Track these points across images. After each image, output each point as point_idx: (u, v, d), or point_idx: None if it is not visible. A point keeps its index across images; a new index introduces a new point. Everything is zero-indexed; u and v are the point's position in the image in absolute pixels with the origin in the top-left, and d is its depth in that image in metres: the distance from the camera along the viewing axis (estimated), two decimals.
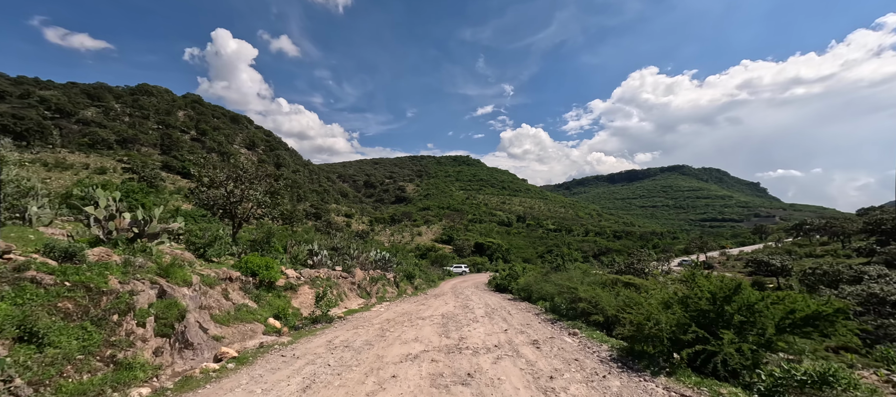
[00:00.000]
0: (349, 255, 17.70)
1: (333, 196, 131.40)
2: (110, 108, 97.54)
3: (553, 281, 14.55)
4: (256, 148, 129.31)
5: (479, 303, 14.70)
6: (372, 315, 12.07)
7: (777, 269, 41.74)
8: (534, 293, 15.27)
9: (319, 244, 16.86)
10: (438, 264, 43.13)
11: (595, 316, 9.26)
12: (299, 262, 15.31)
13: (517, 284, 18.06)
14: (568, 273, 16.67)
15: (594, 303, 9.59)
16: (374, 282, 16.97)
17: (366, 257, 18.56)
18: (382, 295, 17.00)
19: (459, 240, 71.42)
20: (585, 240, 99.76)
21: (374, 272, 18.14)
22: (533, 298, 15.12)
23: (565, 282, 12.53)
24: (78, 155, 64.36)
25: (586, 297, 9.89)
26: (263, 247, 14.57)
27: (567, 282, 12.64)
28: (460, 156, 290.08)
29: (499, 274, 29.50)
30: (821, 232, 58.23)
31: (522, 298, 16.52)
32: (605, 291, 10.30)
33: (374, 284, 16.84)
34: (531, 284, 16.04)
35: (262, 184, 15.99)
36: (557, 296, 12.02)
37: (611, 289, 11.37)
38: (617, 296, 9.75)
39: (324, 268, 15.08)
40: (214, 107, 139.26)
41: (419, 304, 14.47)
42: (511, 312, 12.55)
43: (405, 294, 19.10)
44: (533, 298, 15.12)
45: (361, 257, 18.09)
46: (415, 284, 22.50)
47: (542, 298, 13.84)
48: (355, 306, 13.99)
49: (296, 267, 14.00)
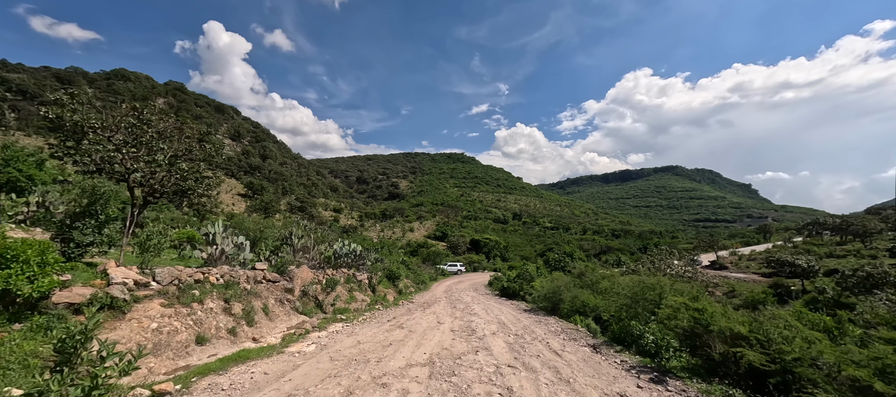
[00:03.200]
0: (290, 246, 12.41)
1: (322, 190, 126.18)
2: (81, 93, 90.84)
3: (617, 285, 10.02)
4: (242, 138, 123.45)
5: (489, 322, 10.39)
6: (279, 366, 5.97)
7: (803, 270, 38.12)
8: (563, 303, 11.00)
9: (228, 227, 11.82)
10: (431, 262, 38.68)
11: (744, 354, 4.81)
12: (185, 256, 10.49)
13: (534, 289, 13.76)
14: (627, 276, 12.39)
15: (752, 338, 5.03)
16: (331, 286, 11.67)
17: (320, 251, 13.09)
18: (343, 306, 11.82)
19: (454, 237, 67.07)
20: (584, 238, 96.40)
21: (334, 272, 13.08)
22: (562, 311, 10.87)
23: (639, 289, 7.92)
24: (35, 138, 58.49)
25: (721, 325, 5.33)
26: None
27: (641, 288, 8.04)
28: (455, 154, 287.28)
29: (503, 274, 25.17)
30: (837, 231, 55.17)
31: (544, 310, 12.26)
32: (720, 307, 5.94)
33: (331, 291, 11.57)
34: (558, 291, 11.66)
35: (176, 144, 11.28)
36: (635, 317, 7.50)
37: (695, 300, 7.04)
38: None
39: (226, 266, 9.47)
40: (198, 96, 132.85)
41: (395, 326, 9.50)
42: (555, 347, 7.74)
43: (382, 303, 13.91)
44: (562, 311, 10.87)
45: (313, 250, 12.71)
46: (399, 287, 17.73)
47: (578, 312, 9.60)
48: (274, 338, 7.84)
49: (183, 262, 9.38)
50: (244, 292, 8.64)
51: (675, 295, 6.79)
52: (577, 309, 10.02)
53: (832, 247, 48.12)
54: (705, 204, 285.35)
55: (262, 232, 12.81)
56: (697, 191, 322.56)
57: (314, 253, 12.35)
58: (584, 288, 11.63)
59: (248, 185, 74.28)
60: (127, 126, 10.24)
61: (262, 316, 8.59)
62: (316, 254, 12.48)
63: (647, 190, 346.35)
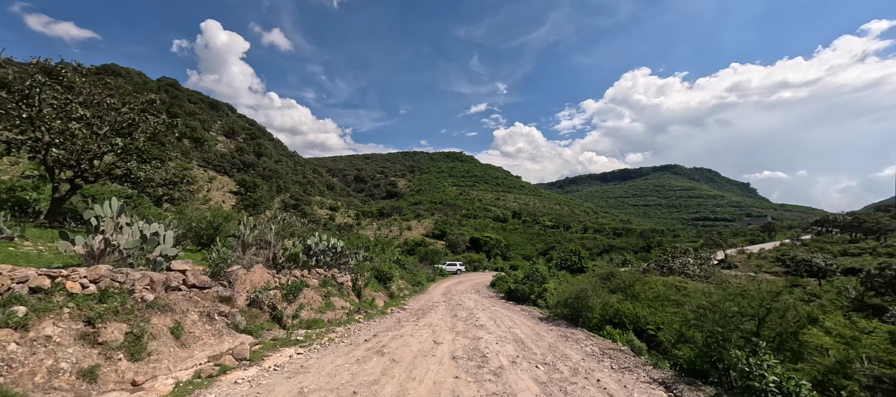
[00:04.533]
0: (238, 238, 9.66)
1: (318, 188, 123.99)
2: None
3: (694, 294, 7.74)
4: (237, 136, 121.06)
5: (502, 339, 8.17)
6: None
7: (820, 269, 36.29)
8: (590, 312, 9.02)
9: (129, 207, 9.09)
10: (428, 261, 36.65)
11: None
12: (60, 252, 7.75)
13: (549, 293, 11.75)
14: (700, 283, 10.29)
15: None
16: (295, 292, 8.93)
17: (284, 247, 10.07)
18: (314, 318, 9.07)
19: (453, 235, 65.03)
20: (585, 236, 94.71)
21: (304, 273, 10.26)
22: (589, 321, 8.88)
23: (742, 303, 5.46)
24: (14, 132, 55.99)
25: None
26: None
27: (754, 302, 5.50)
28: (454, 153, 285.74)
29: (508, 274, 23.14)
30: (847, 229, 53.54)
31: (564, 318, 10.25)
32: None
33: (295, 298, 8.84)
34: (583, 296, 9.55)
35: (112, 115, 9.21)
36: (721, 343, 5.16)
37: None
38: None
39: (115, 266, 6.71)
40: (192, 93, 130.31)
41: (373, 351, 7.04)
42: (612, 389, 5.32)
43: (367, 310, 11.36)
44: (589, 321, 8.88)
45: (276, 246, 9.94)
46: (391, 290, 15.37)
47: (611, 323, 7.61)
48: (171, 378, 5.21)
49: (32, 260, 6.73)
50: (139, 306, 5.93)
51: (828, 318, 4.76)
52: (609, 318, 8.04)
53: (845, 245, 46.49)
54: (704, 203, 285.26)
55: (217, 225, 10.47)
56: (696, 190, 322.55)
57: (277, 249, 9.73)
58: (614, 292, 9.64)
59: (241, 182, 72.01)
60: (36, 86, 8.21)
61: (165, 342, 5.79)
62: (279, 251, 9.77)
63: (646, 189, 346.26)
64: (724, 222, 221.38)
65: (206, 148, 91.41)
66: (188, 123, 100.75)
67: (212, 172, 78.89)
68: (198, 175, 75.14)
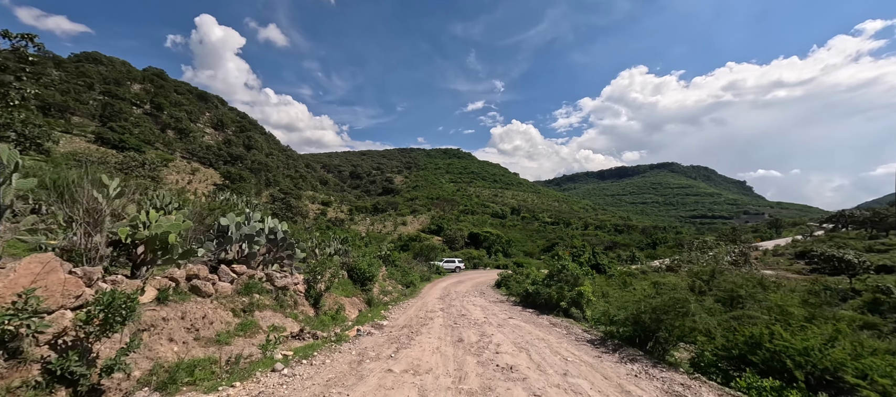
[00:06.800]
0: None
1: (311, 183, 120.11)
2: (44, 74, 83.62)
3: None
4: (226, 128, 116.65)
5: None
6: None
7: (851, 266, 33.35)
8: (690, 335, 5.60)
9: None
10: (424, 257, 33.26)
11: None
12: None
13: (588, 300, 8.35)
14: None
15: None
16: (120, 313, 3.79)
17: (134, 222, 5.22)
18: (187, 360, 4.66)
19: (451, 231, 61.64)
20: (586, 233, 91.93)
21: (199, 271, 6.10)
22: (666, 344, 5.49)
23: None
24: None
25: None
26: None
27: None
28: (451, 150, 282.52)
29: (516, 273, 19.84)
30: (864, 224, 50.89)
31: (625, 341, 6.87)
32: None
33: (111, 330, 3.76)
34: (680, 311, 5.96)
35: None
36: None
37: None
38: None
39: None
40: (179, 83, 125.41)
41: None
42: None
43: (321, 332, 7.50)
44: (666, 344, 5.49)
45: (97, 219, 4.91)
46: (370, 295, 11.69)
47: (751, 365, 4.28)
48: None
49: None
50: None
51: None
52: (740, 354, 4.67)
53: (869, 242, 43.84)
54: (701, 200, 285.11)
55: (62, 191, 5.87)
56: (693, 188, 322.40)
57: (105, 230, 4.99)
58: (724, 303, 6.29)
59: (226, 175, 68.05)
60: None
61: None
62: (114, 229, 5.19)
63: (644, 186, 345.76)
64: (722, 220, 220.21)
65: (192, 139, 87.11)
66: (173, 114, 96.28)
67: (196, 164, 74.78)
68: (180, 166, 71.08)
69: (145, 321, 4.39)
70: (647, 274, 29.37)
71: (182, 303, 5.14)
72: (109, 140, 61.40)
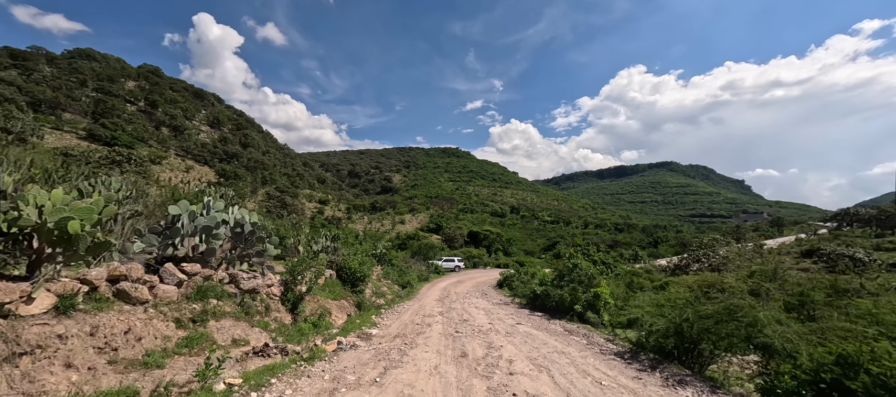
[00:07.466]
0: None
1: (308, 182, 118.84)
2: (36, 70, 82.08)
3: None
4: (222, 126, 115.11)
5: None
6: None
7: (862, 264, 32.38)
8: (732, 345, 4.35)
9: None
10: (422, 256, 32.11)
11: None
12: None
13: (606, 303, 7.13)
14: None
15: None
16: None
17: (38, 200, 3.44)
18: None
19: (450, 229, 60.49)
20: (586, 232, 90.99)
21: (129, 271, 4.66)
22: (713, 360, 4.28)
23: None
24: None
25: None
26: None
27: None
28: (450, 149, 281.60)
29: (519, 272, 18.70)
30: (869, 222, 49.97)
31: (660, 353, 5.69)
32: None
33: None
34: (738, 319, 4.52)
35: None
36: None
37: None
38: None
39: None
40: (174, 80, 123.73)
41: None
42: None
43: (294, 346, 5.94)
44: (713, 360, 4.28)
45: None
46: (361, 297, 10.43)
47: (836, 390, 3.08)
48: None
49: None
50: None
51: None
52: (814, 373, 3.49)
53: (876, 240, 42.96)
54: (700, 199, 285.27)
55: None
56: (692, 187, 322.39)
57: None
58: (797, 313, 5.09)
59: (220, 173, 66.73)
60: None
61: None
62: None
63: (642, 186, 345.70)
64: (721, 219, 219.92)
65: (187, 136, 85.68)
66: (168, 111, 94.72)
67: (190, 161, 73.40)
68: (175, 164, 69.68)
69: (28, 341, 3.18)
70: (653, 273, 28.26)
71: (95, 314, 3.92)
72: (101, 137, 60.02)
